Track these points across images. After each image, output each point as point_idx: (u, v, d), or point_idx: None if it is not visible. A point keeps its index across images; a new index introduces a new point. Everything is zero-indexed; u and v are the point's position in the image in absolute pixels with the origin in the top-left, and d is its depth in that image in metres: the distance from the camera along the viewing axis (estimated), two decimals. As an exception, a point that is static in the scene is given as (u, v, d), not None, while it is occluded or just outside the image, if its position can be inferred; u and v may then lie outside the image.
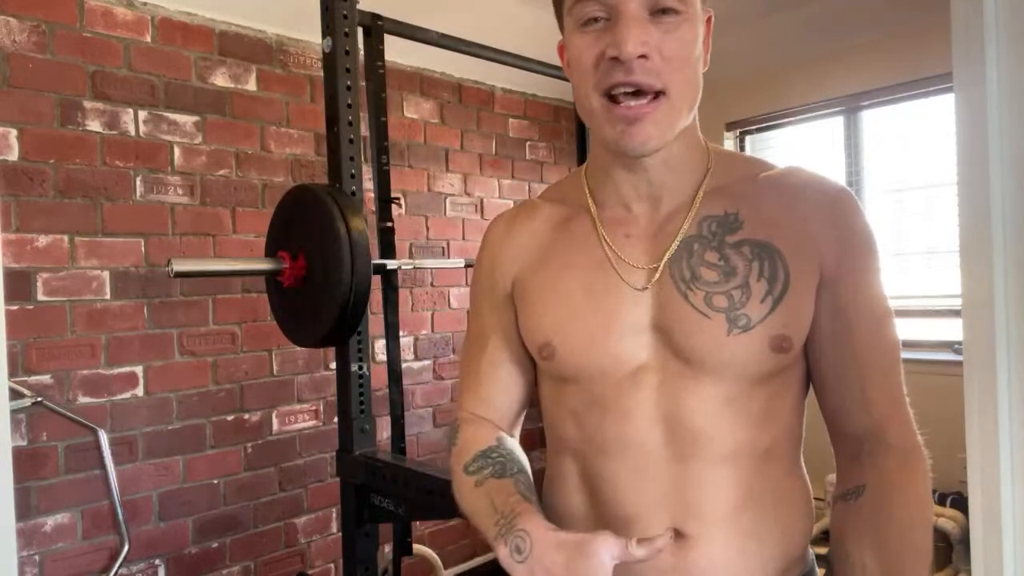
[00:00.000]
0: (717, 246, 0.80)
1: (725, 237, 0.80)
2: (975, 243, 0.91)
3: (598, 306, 0.82)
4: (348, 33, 1.70)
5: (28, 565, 1.97)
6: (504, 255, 0.91)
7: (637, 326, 0.80)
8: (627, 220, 0.85)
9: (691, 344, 0.77)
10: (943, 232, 3.03)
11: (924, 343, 2.81)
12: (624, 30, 0.71)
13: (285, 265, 1.64)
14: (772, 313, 0.76)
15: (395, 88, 2.82)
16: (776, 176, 0.84)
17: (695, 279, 0.79)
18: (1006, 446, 0.86)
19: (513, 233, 0.92)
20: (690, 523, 0.79)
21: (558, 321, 0.83)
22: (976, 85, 0.89)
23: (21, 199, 1.98)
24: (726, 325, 0.76)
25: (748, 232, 0.79)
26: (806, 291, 0.78)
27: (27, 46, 1.99)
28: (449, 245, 3.06)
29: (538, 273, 0.87)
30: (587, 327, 0.81)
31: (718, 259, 0.79)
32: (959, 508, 2.61)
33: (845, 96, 3.16)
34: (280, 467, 2.49)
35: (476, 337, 0.96)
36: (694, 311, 0.78)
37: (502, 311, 0.92)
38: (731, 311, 0.76)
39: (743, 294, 0.77)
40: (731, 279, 0.78)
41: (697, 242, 0.80)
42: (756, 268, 0.78)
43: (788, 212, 0.80)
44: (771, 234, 0.79)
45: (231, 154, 2.40)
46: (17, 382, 1.95)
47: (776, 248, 0.78)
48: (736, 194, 0.82)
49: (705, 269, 0.79)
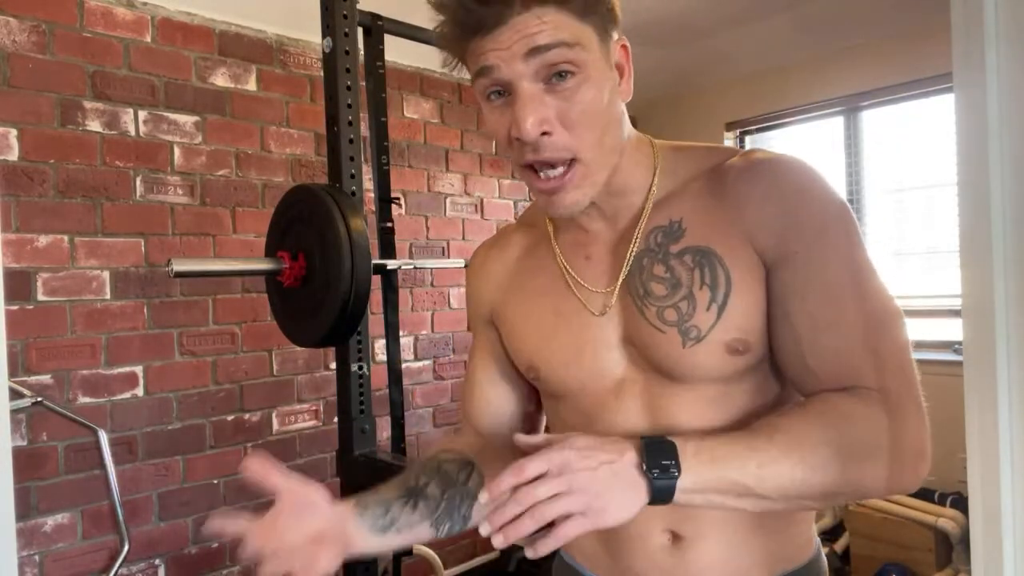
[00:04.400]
0: (663, 258, 0.79)
1: (669, 247, 0.78)
2: (975, 243, 0.90)
3: (569, 328, 0.83)
4: (348, 33, 1.70)
5: (28, 565, 1.97)
6: (482, 285, 0.95)
7: (609, 343, 0.81)
8: (586, 241, 0.85)
9: (656, 357, 0.78)
10: (943, 232, 3.03)
11: (924, 343, 2.81)
12: (520, 111, 0.69)
13: (285, 265, 1.64)
14: (720, 320, 0.74)
15: (395, 88, 2.82)
16: (721, 169, 0.79)
17: (647, 295, 0.79)
18: (1006, 446, 0.86)
19: (487, 264, 0.95)
20: (686, 525, 0.80)
21: (537, 344, 0.86)
22: (976, 85, 0.89)
23: (21, 199, 1.98)
24: (679, 338, 0.76)
25: (689, 239, 0.78)
26: (750, 289, 0.74)
27: (27, 46, 1.99)
28: (449, 245, 3.06)
29: (512, 301, 0.90)
30: (563, 348, 0.83)
31: (664, 271, 0.78)
32: (959, 508, 2.61)
33: (845, 96, 3.16)
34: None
35: (472, 351, 1.00)
36: (650, 327, 0.78)
37: (487, 332, 0.95)
38: (682, 323, 0.76)
39: (689, 305, 0.76)
40: (677, 291, 0.77)
41: (646, 256, 0.80)
42: (698, 276, 0.76)
43: (724, 207, 0.76)
44: (709, 237, 0.77)
45: (231, 154, 2.40)
46: (17, 382, 1.95)
47: (714, 251, 0.76)
48: (681, 199, 0.80)
49: (654, 284, 0.78)
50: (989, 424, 0.87)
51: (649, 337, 0.78)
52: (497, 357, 0.95)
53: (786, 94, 3.32)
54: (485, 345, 0.96)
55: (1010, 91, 0.87)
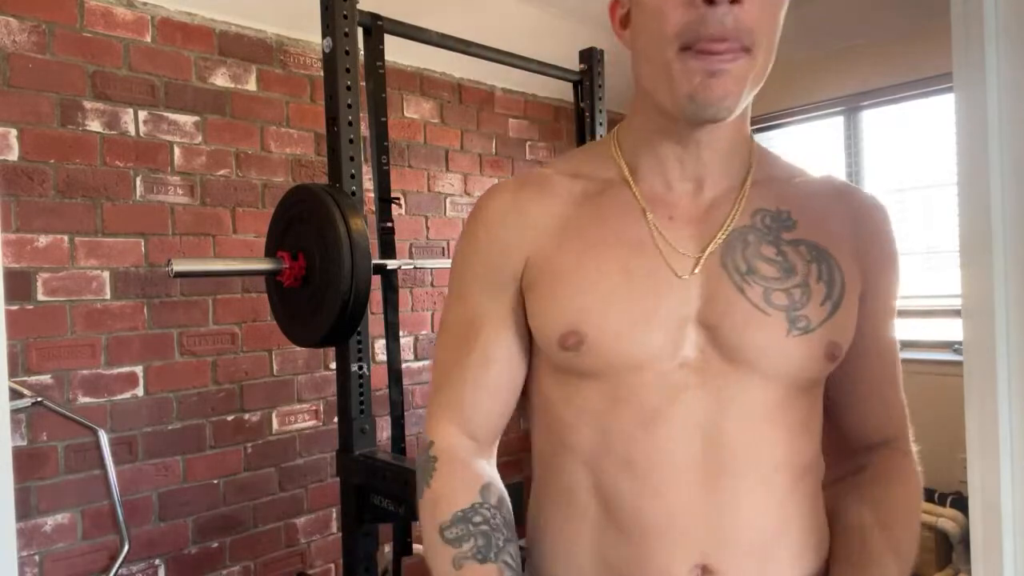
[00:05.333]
0: (773, 240, 0.74)
1: (781, 233, 0.74)
2: (975, 243, 0.91)
3: (639, 291, 0.72)
4: (348, 33, 1.70)
5: (28, 565, 1.97)
6: (513, 231, 0.77)
7: (682, 318, 0.72)
8: (668, 200, 0.76)
9: (743, 341, 0.70)
10: (943, 232, 3.03)
11: (924, 343, 2.81)
12: None
13: (285, 265, 1.64)
14: (830, 319, 0.72)
15: (395, 88, 2.82)
16: (817, 182, 0.81)
17: (751, 272, 0.72)
18: (1006, 446, 0.86)
19: (523, 206, 0.78)
20: (722, 554, 0.70)
21: (590, 305, 0.71)
22: (976, 85, 0.89)
23: (21, 199, 1.98)
24: (786, 324, 0.71)
25: (803, 233, 0.75)
26: (854, 301, 0.75)
27: (27, 46, 1.99)
28: (449, 245, 3.06)
29: (563, 251, 0.75)
30: (626, 314, 0.71)
31: (775, 254, 0.73)
32: (959, 508, 2.61)
33: (845, 96, 3.16)
34: (280, 467, 2.49)
35: (462, 327, 0.80)
36: (751, 306, 0.71)
37: (502, 296, 0.78)
38: (791, 310, 0.71)
39: (803, 295, 0.72)
40: (791, 277, 0.72)
41: (752, 233, 0.74)
42: (815, 270, 0.73)
43: (835, 220, 0.77)
44: (823, 239, 0.75)
45: (231, 154, 2.40)
46: (17, 382, 1.95)
47: (831, 253, 0.75)
48: (783, 193, 0.78)
49: (762, 263, 0.72)
50: (989, 424, 0.87)
51: (744, 317, 0.71)
52: (509, 331, 0.79)
53: (786, 94, 3.32)
54: (499, 313, 0.78)
55: (1010, 91, 0.87)
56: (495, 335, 0.78)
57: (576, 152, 0.87)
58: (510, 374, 0.80)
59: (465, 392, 0.79)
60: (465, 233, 0.82)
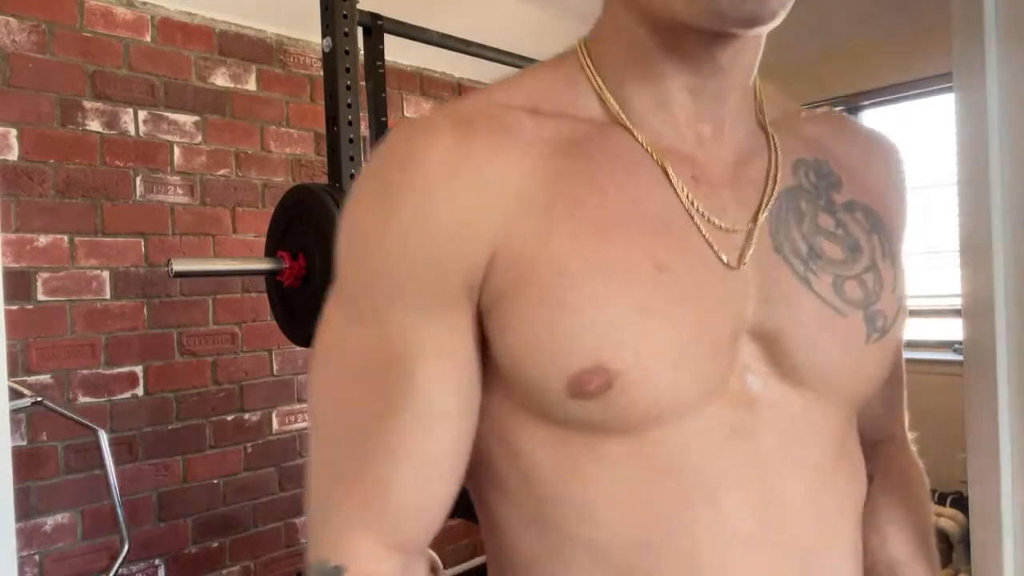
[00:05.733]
0: (826, 205, 0.52)
1: (831, 194, 0.53)
2: (975, 243, 0.91)
3: (679, 295, 0.47)
4: (348, 33, 1.70)
5: (28, 565, 1.97)
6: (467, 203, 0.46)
7: (736, 329, 0.48)
8: (683, 152, 0.51)
9: (815, 357, 0.49)
10: (943, 232, 3.03)
11: (924, 343, 2.81)
12: None
13: (285, 265, 1.64)
14: (902, 310, 0.53)
15: (395, 88, 2.82)
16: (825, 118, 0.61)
17: (814, 256, 0.50)
18: (1006, 446, 0.86)
19: (477, 162, 0.46)
20: None
21: (622, 323, 0.45)
22: (976, 85, 0.89)
23: (21, 199, 1.98)
24: (864, 327, 0.50)
25: (850, 191, 0.53)
26: None
27: (27, 46, 1.99)
28: (449, 245, 3.06)
29: (556, 235, 0.46)
30: (672, 332, 0.46)
31: (835, 226, 0.51)
32: (959, 508, 2.61)
33: (845, 96, 3.16)
34: (280, 467, 2.49)
35: (376, 369, 0.49)
36: (822, 304, 0.49)
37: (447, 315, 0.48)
38: (868, 305, 0.50)
39: (875, 281, 0.51)
40: (858, 257, 0.51)
41: (803, 198, 0.51)
42: (878, 245, 0.52)
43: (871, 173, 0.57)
44: (873, 200, 0.55)
45: (231, 154, 2.40)
46: (17, 382, 1.95)
47: (883, 220, 0.54)
48: (809, 136, 0.57)
49: (825, 241, 0.51)
50: (989, 424, 0.88)
51: (815, 321, 0.49)
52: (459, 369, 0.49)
53: (786, 94, 3.32)
54: (442, 343, 0.47)
55: (1010, 91, 0.87)
56: (438, 381, 0.47)
57: (524, 75, 0.56)
58: (461, 439, 0.50)
59: (392, 481, 0.48)
60: (373, 206, 0.48)
